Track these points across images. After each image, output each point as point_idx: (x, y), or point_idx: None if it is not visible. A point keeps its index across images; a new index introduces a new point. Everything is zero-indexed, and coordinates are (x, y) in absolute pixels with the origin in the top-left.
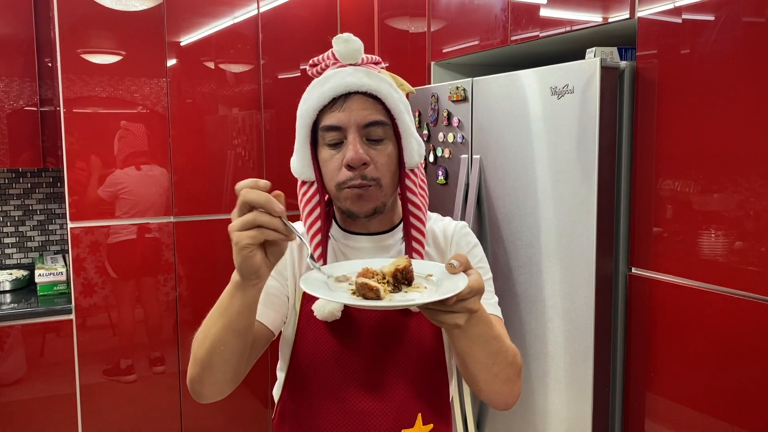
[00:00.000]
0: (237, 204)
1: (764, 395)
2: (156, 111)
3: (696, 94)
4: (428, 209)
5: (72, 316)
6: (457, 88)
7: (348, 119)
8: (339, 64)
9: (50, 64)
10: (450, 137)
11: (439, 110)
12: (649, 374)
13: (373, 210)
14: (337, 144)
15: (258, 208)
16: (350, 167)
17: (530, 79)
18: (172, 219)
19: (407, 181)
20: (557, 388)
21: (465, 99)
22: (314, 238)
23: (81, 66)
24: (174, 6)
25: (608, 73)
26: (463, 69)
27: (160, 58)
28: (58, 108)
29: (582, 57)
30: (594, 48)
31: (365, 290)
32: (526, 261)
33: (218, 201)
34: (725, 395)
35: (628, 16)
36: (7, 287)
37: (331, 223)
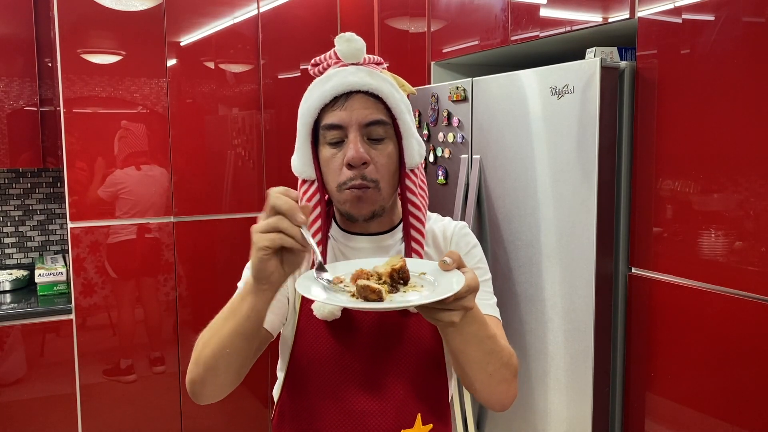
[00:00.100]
0: (265, 207)
1: (764, 395)
2: (156, 111)
3: (696, 94)
4: (428, 209)
5: (72, 316)
6: (457, 88)
7: (349, 118)
8: (341, 64)
9: (50, 64)
10: (450, 137)
11: (439, 110)
12: (649, 374)
13: (372, 213)
14: (338, 143)
15: (282, 214)
16: (350, 166)
17: (530, 79)
18: (172, 219)
19: (407, 182)
20: (557, 388)
21: (465, 99)
22: (314, 238)
23: (81, 66)
24: (174, 6)
25: (608, 73)
26: (463, 69)
27: (160, 58)
28: (58, 108)
29: (582, 57)
30: (594, 48)
31: (367, 292)
32: (526, 261)
33: (218, 201)
34: (725, 395)
35: (628, 16)
36: (7, 287)
37: (331, 223)
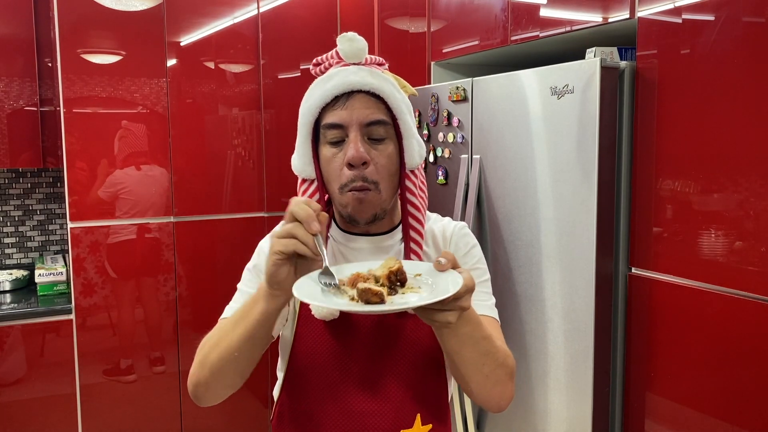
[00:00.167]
0: (285, 214)
1: (764, 395)
2: (156, 111)
3: (696, 94)
4: (428, 209)
5: (72, 316)
6: (457, 88)
7: (350, 117)
8: (342, 63)
9: (50, 64)
10: (450, 137)
11: (439, 110)
12: (649, 374)
13: (374, 216)
14: (339, 142)
15: (299, 222)
16: (351, 165)
17: (530, 79)
18: (172, 219)
19: (407, 182)
20: (557, 388)
21: (465, 99)
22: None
23: (81, 66)
24: (174, 6)
25: (608, 73)
26: (463, 69)
27: (160, 58)
28: (58, 108)
29: (582, 57)
30: (594, 48)
31: (369, 295)
32: (526, 261)
33: (218, 201)
34: (725, 395)
35: (628, 16)
36: (7, 287)
37: (331, 224)
